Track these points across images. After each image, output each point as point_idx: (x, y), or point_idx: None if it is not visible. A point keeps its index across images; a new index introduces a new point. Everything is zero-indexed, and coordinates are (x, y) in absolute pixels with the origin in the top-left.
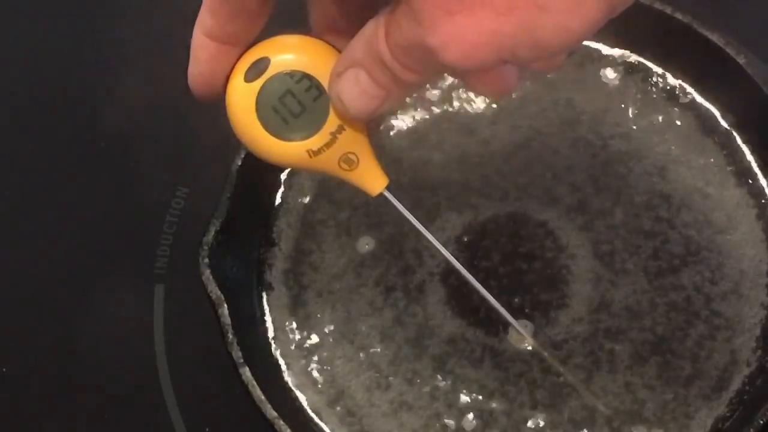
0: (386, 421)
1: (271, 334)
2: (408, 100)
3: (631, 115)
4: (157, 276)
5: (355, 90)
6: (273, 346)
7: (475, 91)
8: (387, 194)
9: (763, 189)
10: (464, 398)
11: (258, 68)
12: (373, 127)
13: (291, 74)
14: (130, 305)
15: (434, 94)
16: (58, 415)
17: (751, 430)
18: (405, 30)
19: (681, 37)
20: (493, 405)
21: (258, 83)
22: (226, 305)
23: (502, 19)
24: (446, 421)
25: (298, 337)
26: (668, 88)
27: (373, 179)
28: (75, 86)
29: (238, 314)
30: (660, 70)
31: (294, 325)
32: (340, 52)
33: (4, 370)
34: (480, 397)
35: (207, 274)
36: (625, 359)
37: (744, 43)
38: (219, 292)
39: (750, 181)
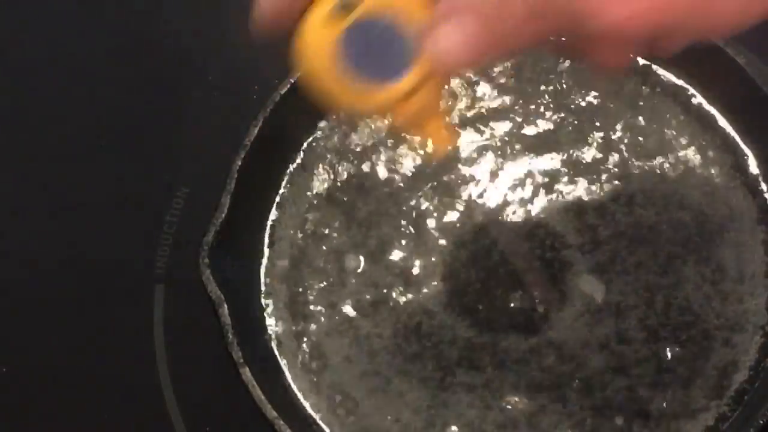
0: (386, 421)
1: (271, 334)
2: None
3: (630, 116)
4: (157, 276)
5: (454, 38)
6: (273, 346)
7: (585, 60)
8: (449, 151)
9: (763, 189)
10: (465, 398)
11: (344, 7)
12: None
13: (379, 16)
14: (130, 305)
15: None
16: (58, 415)
17: (751, 430)
18: None
19: None
20: (494, 404)
21: (341, 25)
22: (226, 305)
23: None
24: (446, 420)
25: (298, 337)
26: (668, 87)
27: (442, 137)
28: (75, 86)
29: (238, 314)
30: (659, 70)
31: (294, 325)
32: None
33: (4, 370)
34: (480, 397)
35: (207, 274)
36: (625, 359)
37: (744, 43)
38: (219, 292)
39: (750, 181)
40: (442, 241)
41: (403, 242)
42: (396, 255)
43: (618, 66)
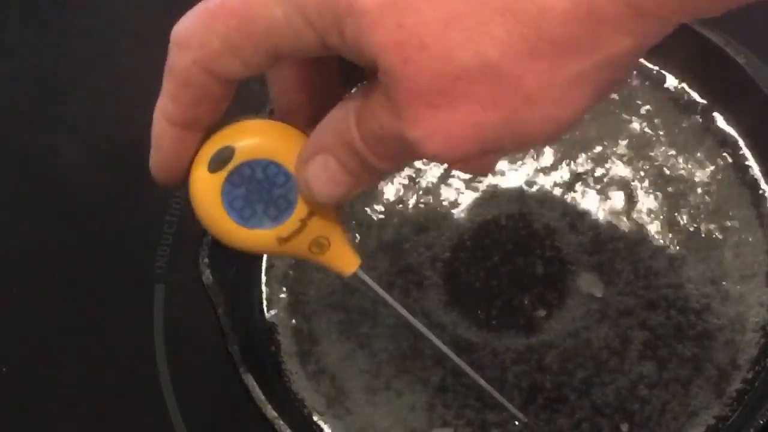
0: (386, 421)
1: (271, 334)
2: None
3: (629, 117)
4: (157, 276)
5: (323, 176)
6: (273, 345)
7: (454, 169)
8: (360, 274)
9: (763, 189)
10: (464, 398)
11: (222, 157)
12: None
13: (256, 162)
14: (130, 305)
15: None
16: (58, 415)
17: (751, 430)
18: (381, 120)
19: (681, 37)
20: (494, 404)
21: (223, 173)
22: (226, 305)
23: (488, 112)
24: (446, 421)
25: (298, 336)
26: (668, 88)
27: (344, 261)
28: (74, 85)
29: (238, 314)
30: (660, 71)
31: (294, 325)
32: (306, 135)
33: (4, 370)
34: (480, 397)
35: (207, 274)
36: (625, 359)
37: (744, 43)
38: (219, 292)
39: (750, 180)
40: (443, 241)
41: (405, 242)
42: (397, 254)
43: (479, 173)
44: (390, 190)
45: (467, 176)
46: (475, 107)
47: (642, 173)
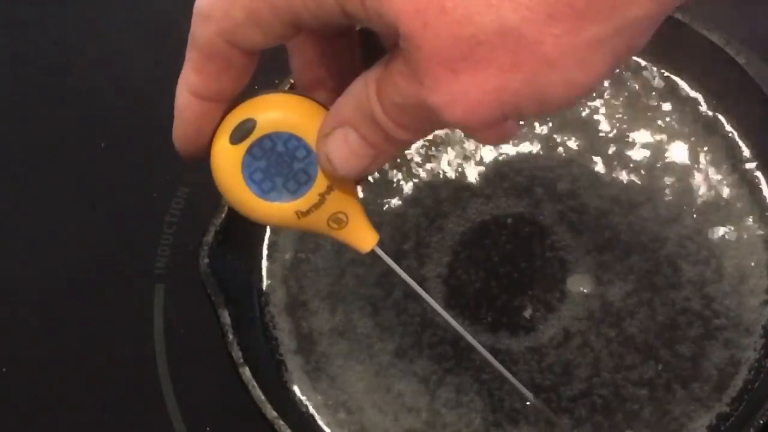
0: (386, 421)
1: (271, 334)
2: None
3: (629, 116)
4: (157, 276)
5: (344, 150)
6: (273, 346)
7: (474, 140)
8: (377, 250)
9: (762, 188)
10: (465, 398)
11: (244, 129)
12: (361, 181)
13: (277, 135)
14: (130, 305)
15: None
16: (58, 415)
17: (752, 429)
18: (402, 88)
19: (681, 36)
20: (494, 404)
21: (244, 145)
22: (226, 305)
23: (508, 76)
24: (446, 421)
25: (297, 337)
26: (668, 88)
27: (362, 237)
28: (75, 85)
29: (238, 314)
30: (660, 70)
31: (294, 325)
32: (327, 109)
33: (4, 370)
34: (481, 397)
35: (207, 274)
36: (625, 359)
37: (744, 43)
38: (219, 292)
39: (750, 181)
40: (443, 241)
41: (405, 242)
42: (397, 254)
43: (499, 142)
44: (389, 191)
45: (467, 175)
46: (496, 72)
47: (642, 174)
